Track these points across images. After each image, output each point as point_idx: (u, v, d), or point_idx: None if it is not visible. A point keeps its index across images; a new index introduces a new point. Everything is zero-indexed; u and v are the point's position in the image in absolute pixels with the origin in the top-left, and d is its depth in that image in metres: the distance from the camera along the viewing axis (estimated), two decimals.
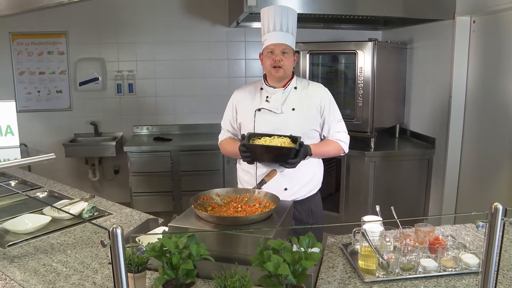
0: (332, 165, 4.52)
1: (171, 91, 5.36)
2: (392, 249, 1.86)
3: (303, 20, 4.57)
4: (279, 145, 2.18)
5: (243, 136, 2.33)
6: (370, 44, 3.99)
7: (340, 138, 2.44)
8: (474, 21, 3.77)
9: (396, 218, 2.01)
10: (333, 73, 4.66)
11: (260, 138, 2.26)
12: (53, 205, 2.49)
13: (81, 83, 5.15)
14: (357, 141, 4.16)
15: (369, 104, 4.07)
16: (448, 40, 3.93)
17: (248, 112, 2.41)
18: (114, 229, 1.06)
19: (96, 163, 5.28)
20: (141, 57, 5.25)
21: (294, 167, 2.22)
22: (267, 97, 2.38)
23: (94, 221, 2.38)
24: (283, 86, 2.39)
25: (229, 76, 5.40)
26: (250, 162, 2.28)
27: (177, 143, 4.88)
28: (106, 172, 5.41)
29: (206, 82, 5.37)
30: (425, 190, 4.30)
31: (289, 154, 2.16)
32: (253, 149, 2.21)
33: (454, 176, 4.03)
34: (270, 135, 2.26)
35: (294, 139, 2.23)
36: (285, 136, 2.25)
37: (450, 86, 3.92)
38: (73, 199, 2.70)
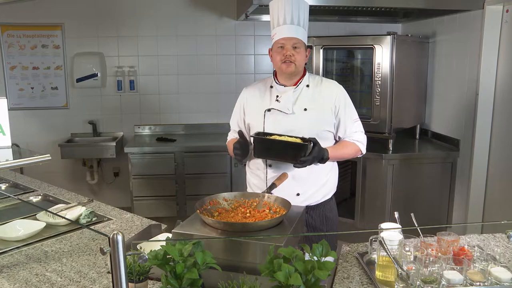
0: (347, 168, 4.51)
1: (175, 89, 5.38)
2: (412, 259, 1.85)
3: (316, 12, 4.57)
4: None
5: (240, 133, 2.35)
6: (388, 38, 3.98)
7: (357, 139, 2.44)
8: (507, 10, 3.72)
9: (416, 225, 2.01)
10: (348, 69, 4.65)
11: (270, 137, 2.28)
12: (48, 209, 2.49)
13: (79, 80, 5.18)
14: (374, 142, 4.15)
15: (387, 103, 4.06)
16: (476, 32, 3.90)
17: (257, 112, 2.42)
18: (115, 236, 1.07)
19: (94, 165, 5.32)
20: (143, 52, 5.28)
21: (305, 166, 2.21)
22: (277, 96, 2.39)
23: (92, 227, 2.39)
24: (294, 84, 2.39)
25: (237, 73, 5.41)
26: (241, 160, 2.32)
27: (182, 144, 4.89)
28: (105, 175, 5.45)
29: (212, 79, 5.39)
30: (449, 195, 4.27)
31: (302, 151, 2.16)
32: (264, 144, 2.23)
33: (481, 180, 4.00)
34: (280, 135, 2.28)
35: (305, 140, 2.24)
36: (296, 137, 2.25)
37: (477, 83, 3.90)
38: (69, 203, 2.71)
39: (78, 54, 5.17)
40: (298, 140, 2.23)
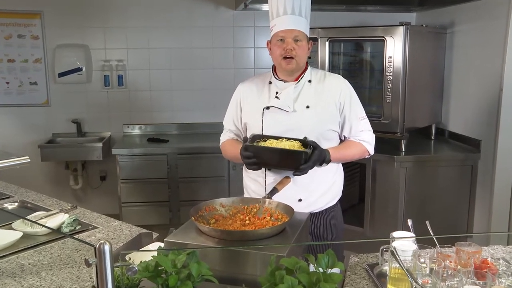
0: (355, 171, 4.51)
1: (168, 85, 5.39)
2: (428, 272, 1.85)
3: (321, 1, 4.58)
4: (287, 148, 2.19)
5: (245, 139, 2.33)
6: (401, 29, 3.98)
7: (363, 139, 2.44)
8: None
9: (432, 234, 2.00)
10: (357, 63, 4.66)
11: (265, 141, 2.27)
12: (26, 217, 2.47)
13: (61, 74, 5.18)
14: (385, 143, 4.16)
15: (399, 99, 4.06)
16: (501, 21, 3.86)
17: (255, 110, 2.42)
18: (101, 245, 1.07)
19: (78, 168, 5.32)
20: (132, 45, 5.29)
21: (305, 173, 2.21)
22: (276, 92, 2.39)
23: (76, 236, 2.39)
24: (296, 80, 2.40)
25: (235, 67, 5.42)
26: (256, 168, 2.28)
27: (175, 144, 4.90)
28: (91, 179, 5.45)
29: (209, 74, 5.40)
30: (468, 201, 4.27)
31: (299, 159, 2.16)
32: (257, 153, 2.22)
33: (506, 185, 3.98)
34: (277, 138, 2.27)
35: (305, 143, 2.23)
36: (295, 139, 2.25)
37: (501, 78, 3.88)
38: (50, 210, 2.70)
39: (60, 46, 5.16)
40: (297, 143, 2.23)
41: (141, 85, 5.36)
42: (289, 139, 2.25)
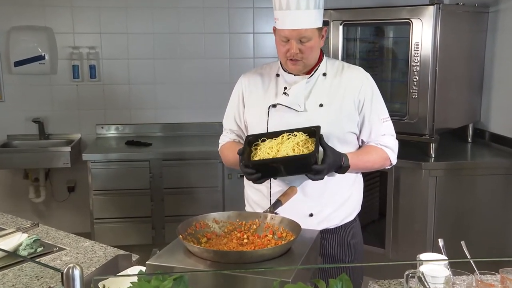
0: (374, 181, 4.50)
1: (151, 77, 5.40)
2: None
3: None
4: (291, 151, 2.20)
5: (240, 152, 2.31)
6: (431, 9, 3.98)
7: (386, 144, 2.45)
8: None
9: (469, 257, 2.01)
10: (376, 51, 4.66)
11: (265, 141, 2.29)
12: None
13: (18, 63, 5.13)
14: (411, 147, 4.14)
15: (427, 95, 4.06)
16: None
17: (259, 108, 2.43)
18: (70, 270, 1.08)
19: (41, 178, 5.30)
20: (107, 28, 5.30)
21: (322, 177, 2.22)
22: (285, 88, 2.41)
23: (37, 260, 2.36)
24: (308, 73, 2.41)
25: (231, 57, 5.44)
26: (263, 181, 2.29)
27: (159, 149, 4.92)
28: (56, 190, 5.45)
29: (199, 65, 5.41)
30: None
31: (308, 162, 2.18)
32: (258, 168, 2.24)
33: None
34: (277, 134, 2.28)
35: (310, 131, 2.25)
36: (298, 130, 2.26)
37: None
38: (5, 229, 2.69)
39: (15, 28, 5.13)
40: (303, 138, 2.24)
41: (118, 78, 5.37)
42: (291, 132, 2.26)
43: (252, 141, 2.32)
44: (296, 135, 2.26)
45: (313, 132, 2.25)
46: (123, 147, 5.01)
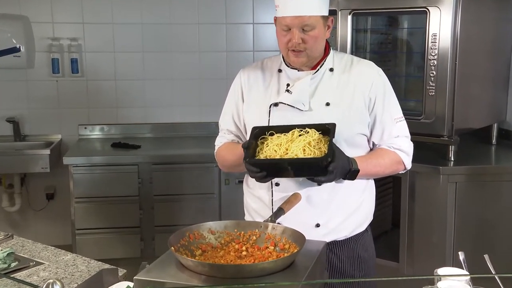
0: (386, 187, 4.49)
1: (140, 72, 5.41)
2: None
3: None
4: (301, 150, 2.20)
5: (245, 145, 2.32)
6: None
7: (400, 147, 2.45)
8: None
9: (493, 272, 2.00)
10: (389, 44, 4.66)
11: (272, 136, 2.29)
12: None
13: None
14: (428, 149, 4.14)
15: (446, 92, 4.04)
16: None
17: (259, 107, 2.44)
18: (50, 287, 1.08)
19: (15, 184, 5.27)
20: (91, 18, 5.29)
21: (332, 179, 2.23)
22: (288, 85, 2.42)
23: (12, 276, 2.35)
24: (313, 68, 2.42)
25: (228, 50, 5.45)
26: (267, 180, 2.30)
27: (149, 151, 4.92)
28: (33, 198, 5.43)
29: (193, 59, 5.42)
30: None
31: (317, 168, 2.18)
32: (263, 167, 2.24)
33: None
34: (287, 128, 2.28)
35: (324, 129, 2.25)
36: (310, 126, 2.27)
37: None
38: None
39: None
40: (315, 136, 2.24)
41: (103, 73, 5.37)
42: (303, 127, 2.27)
43: (259, 134, 2.32)
44: (308, 132, 2.25)
45: (327, 130, 2.25)
46: (108, 150, 5.00)
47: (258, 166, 2.23)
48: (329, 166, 2.17)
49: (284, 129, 2.30)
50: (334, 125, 2.25)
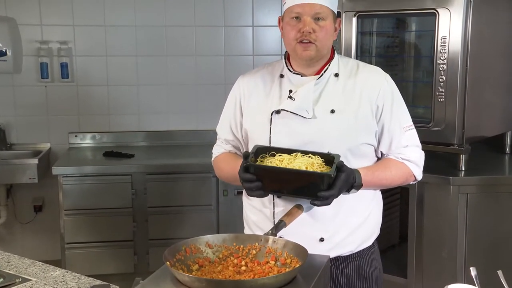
0: (393, 198, 4.48)
1: (133, 77, 5.42)
2: None
3: None
4: (304, 168, 2.19)
5: (245, 154, 2.31)
6: None
7: (409, 157, 2.44)
8: None
9: None
10: (396, 47, 4.66)
11: (274, 156, 2.28)
12: None
13: None
14: (437, 159, 4.14)
15: (456, 98, 4.05)
16: None
17: (260, 115, 2.44)
18: None
19: (1, 195, 5.27)
20: (81, 20, 5.31)
21: (329, 203, 2.21)
22: (290, 91, 2.41)
23: None
24: (317, 73, 2.42)
25: (226, 54, 5.46)
26: (261, 194, 2.27)
27: (143, 161, 4.93)
28: (20, 210, 5.42)
29: (189, 63, 5.43)
30: None
31: (319, 184, 2.17)
32: (261, 174, 2.23)
33: None
34: (290, 151, 2.27)
35: (328, 159, 2.24)
36: (315, 153, 2.25)
37: None
38: None
39: None
40: (317, 160, 2.22)
41: (95, 78, 5.39)
42: (306, 153, 2.25)
43: (260, 151, 2.30)
44: (312, 158, 2.23)
45: (330, 159, 2.21)
46: (100, 159, 5.01)
47: (255, 173, 2.21)
48: (330, 188, 2.15)
49: (285, 151, 2.27)
50: (338, 156, 2.22)
